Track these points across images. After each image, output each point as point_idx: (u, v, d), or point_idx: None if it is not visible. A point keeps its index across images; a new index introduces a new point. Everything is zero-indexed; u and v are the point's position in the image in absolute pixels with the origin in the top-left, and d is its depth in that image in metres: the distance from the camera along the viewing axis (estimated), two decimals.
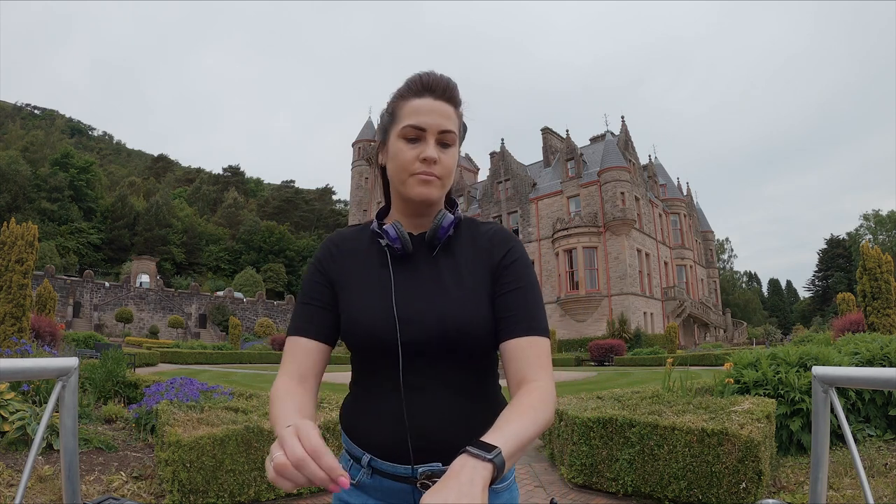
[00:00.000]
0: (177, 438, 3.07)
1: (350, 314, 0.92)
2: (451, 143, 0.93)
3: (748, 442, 2.97)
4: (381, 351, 0.89)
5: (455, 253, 0.95)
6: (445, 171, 0.92)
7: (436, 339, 0.88)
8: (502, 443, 0.67)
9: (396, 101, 0.95)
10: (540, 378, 0.84)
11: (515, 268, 0.93)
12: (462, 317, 0.88)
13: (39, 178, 58.40)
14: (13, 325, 7.63)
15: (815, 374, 0.96)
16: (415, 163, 0.90)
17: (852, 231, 68.58)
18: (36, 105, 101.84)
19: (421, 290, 0.91)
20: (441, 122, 0.91)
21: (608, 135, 40.42)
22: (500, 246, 0.95)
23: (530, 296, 0.91)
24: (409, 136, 0.91)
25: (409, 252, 0.94)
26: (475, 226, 1.00)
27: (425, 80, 0.92)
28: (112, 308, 39.82)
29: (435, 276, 0.93)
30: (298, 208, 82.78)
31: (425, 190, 0.91)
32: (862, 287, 9.75)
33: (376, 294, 0.92)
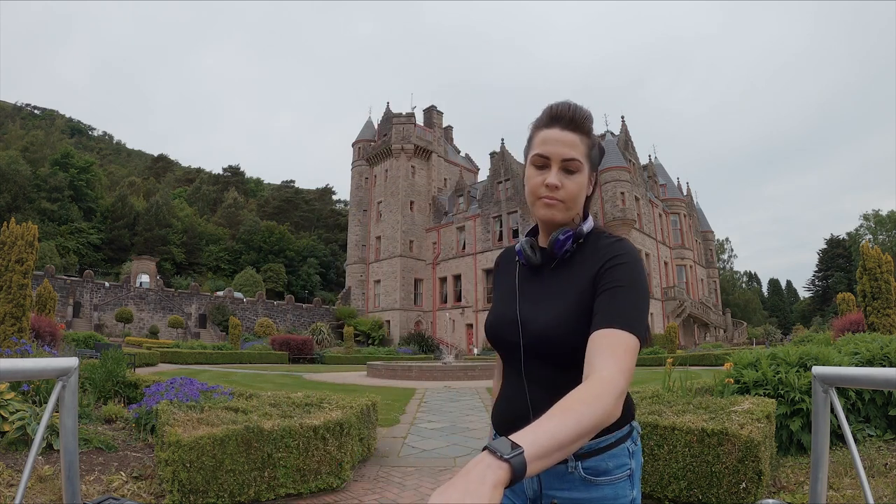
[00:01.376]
0: (177, 438, 3.07)
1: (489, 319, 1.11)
2: (575, 169, 1.01)
3: (748, 442, 2.97)
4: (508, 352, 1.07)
5: (574, 265, 1.03)
6: (569, 196, 1.01)
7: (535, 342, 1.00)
8: (529, 442, 0.65)
9: (533, 131, 1.06)
10: (605, 368, 0.81)
11: (613, 271, 0.96)
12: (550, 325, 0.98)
13: (39, 178, 58.38)
14: (13, 325, 7.63)
15: (815, 374, 0.96)
16: (540, 188, 1.01)
17: (852, 231, 68.66)
18: (36, 105, 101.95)
19: (533, 300, 1.04)
20: (564, 152, 1.00)
21: (608, 135, 40.41)
22: (608, 253, 1.00)
23: (621, 294, 0.93)
24: (537, 164, 1.02)
25: (535, 265, 1.07)
26: (598, 238, 1.05)
27: (554, 110, 1.02)
28: (112, 308, 39.81)
29: (547, 286, 1.05)
30: (298, 208, 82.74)
31: (548, 212, 1.02)
32: (862, 287, 9.74)
33: (507, 303, 1.09)
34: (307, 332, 37.50)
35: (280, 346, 27.94)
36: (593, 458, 0.96)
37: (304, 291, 67.00)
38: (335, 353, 30.90)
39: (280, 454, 3.36)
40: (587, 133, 1.02)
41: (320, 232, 79.81)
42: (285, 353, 27.24)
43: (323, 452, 3.57)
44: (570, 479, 0.95)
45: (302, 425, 3.51)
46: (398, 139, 49.14)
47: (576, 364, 0.93)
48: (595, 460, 0.96)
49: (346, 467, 3.73)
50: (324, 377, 15.32)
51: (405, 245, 47.24)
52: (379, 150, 50.92)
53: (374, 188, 51.45)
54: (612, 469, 0.95)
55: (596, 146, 1.05)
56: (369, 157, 52.20)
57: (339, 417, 3.77)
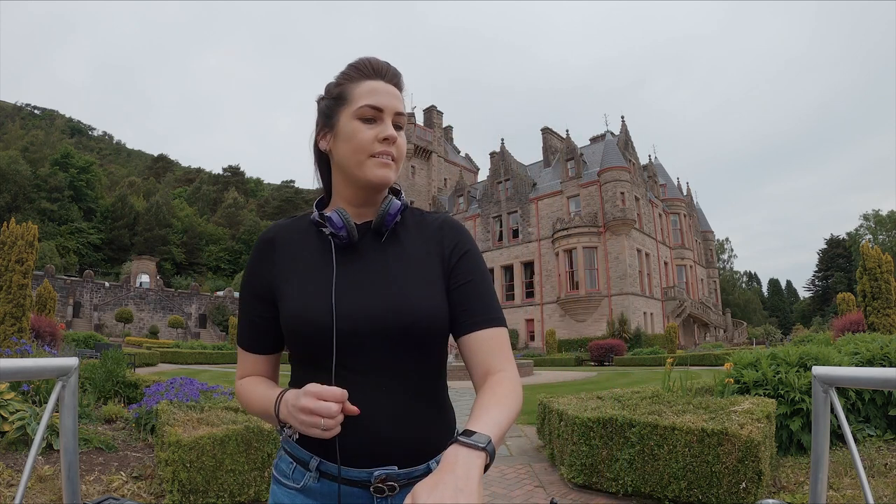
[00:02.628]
0: (177, 438, 3.07)
1: (288, 311, 0.86)
2: (402, 125, 0.91)
3: (748, 442, 2.97)
4: (323, 348, 0.82)
5: (402, 242, 0.91)
6: (401, 154, 0.90)
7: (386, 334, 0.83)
8: (490, 429, 0.67)
9: (345, 84, 0.91)
10: (506, 368, 0.83)
11: (467, 259, 0.90)
12: (417, 308, 0.84)
13: (39, 178, 58.38)
14: (13, 325, 7.63)
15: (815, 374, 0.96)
16: (374, 143, 0.87)
17: (852, 231, 68.63)
18: (36, 105, 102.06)
19: (368, 282, 0.86)
20: (396, 104, 0.89)
21: (608, 135, 40.40)
22: (451, 236, 0.92)
23: (483, 287, 0.89)
24: (366, 116, 0.87)
25: (354, 241, 0.88)
26: (421, 214, 0.96)
27: (374, 64, 0.90)
28: (112, 308, 39.81)
29: (383, 265, 0.88)
30: (298, 208, 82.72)
31: (385, 172, 0.87)
32: (862, 287, 9.75)
33: (317, 288, 0.85)
34: None
35: None
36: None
37: None
38: None
39: None
40: (402, 90, 0.93)
41: None
42: (285, 353, 27.23)
43: None
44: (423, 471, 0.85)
45: None
46: None
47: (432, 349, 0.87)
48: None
49: None
50: None
51: None
52: None
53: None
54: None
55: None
56: None
57: None
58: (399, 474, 0.83)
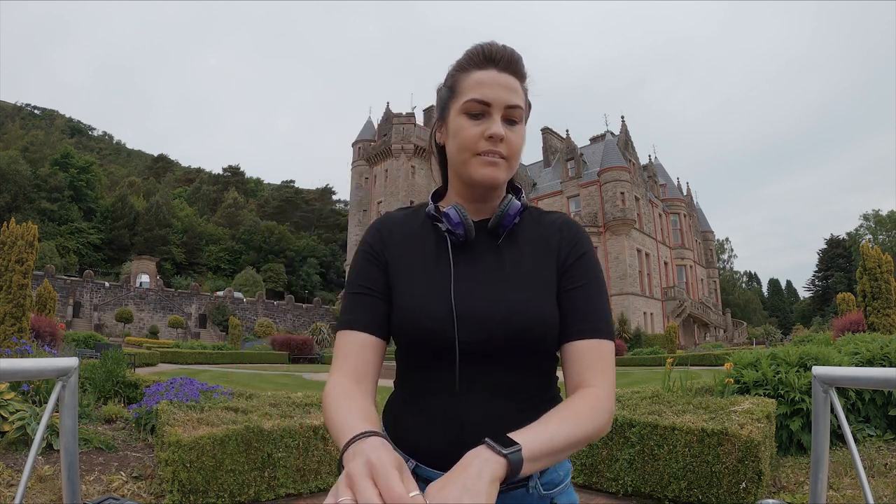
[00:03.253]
0: (177, 438, 3.07)
1: (403, 307, 0.83)
2: (518, 118, 0.84)
3: (748, 442, 2.97)
4: (436, 349, 0.81)
5: (519, 243, 0.87)
6: (512, 151, 0.83)
7: (499, 338, 0.80)
8: (526, 441, 0.63)
9: (456, 74, 0.86)
10: (598, 384, 0.77)
11: (583, 263, 0.85)
12: (529, 314, 0.80)
13: (39, 178, 58.39)
14: (13, 325, 7.63)
15: (815, 374, 0.96)
16: (479, 141, 0.82)
17: (852, 231, 68.67)
18: (36, 105, 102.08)
19: (484, 284, 0.82)
20: (507, 97, 0.82)
21: (608, 135, 40.42)
22: (568, 237, 0.87)
23: (595, 294, 0.84)
24: (472, 112, 0.82)
25: (470, 240, 0.84)
26: (540, 214, 0.91)
27: (487, 50, 0.83)
28: (112, 308, 39.81)
29: (498, 267, 0.84)
30: (298, 208, 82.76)
31: (490, 172, 0.82)
32: (862, 287, 9.75)
33: (433, 286, 0.83)
34: (307, 332, 37.49)
35: (280, 346, 27.95)
36: (549, 471, 0.83)
37: (304, 291, 67.00)
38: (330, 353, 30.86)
39: (280, 454, 3.37)
40: (523, 78, 0.86)
41: (320, 232, 79.81)
42: (285, 353, 27.25)
43: (323, 452, 3.57)
44: (529, 501, 0.81)
45: (302, 425, 3.51)
46: (398, 139, 49.14)
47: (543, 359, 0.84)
48: (550, 472, 0.83)
49: None
50: (324, 377, 15.30)
51: None
52: (379, 149, 50.93)
53: (374, 188, 51.45)
54: (563, 477, 0.85)
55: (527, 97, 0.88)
56: (369, 157, 52.21)
57: None
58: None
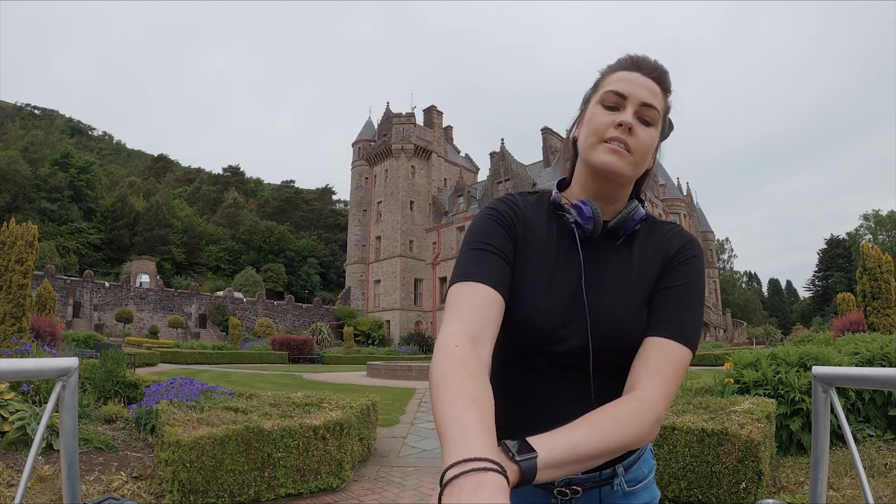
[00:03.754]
0: (177, 438, 3.07)
1: (524, 307, 0.81)
2: (651, 120, 0.83)
3: (748, 442, 2.97)
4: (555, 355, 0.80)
5: (632, 248, 0.87)
6: (640, 147, 0.82)
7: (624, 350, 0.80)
8: (546, 448, 0.61)
9: (603, 75, 0.89)
10: (648, 388, 0.74)
11: (684, 267, 0.84)
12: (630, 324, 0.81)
13: (39, 178, 58.38)
14: (13, 325, 7.63)
15: (815, 374, 0.96)
16: (609, 128, 0.82)
17: (852, 231, 68.69)
18: (36, 105, 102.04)
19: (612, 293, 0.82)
20: (644, 95, 0.83)
21: None
22: (677, 243, 0.87)
23: (687, 297, 0.82)
24: (608, 103, 0.84)
25: (594, 237, 0.85)
26: (654, 225, 0.91)
27: (636, 57, 0.87)
28: (112, 308, 39.81)
29: (614, 272, 0.84)
30: (298, 208, 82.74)
31: (613, 159, 0.81)
32: (862, 287, 9.75)
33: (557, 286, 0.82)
34: (307, 332, 37.50)
35: (280, 346, 27.95)
36: (634, 469, 0.86)
37: (304, 291, 67.01)
38: (335, 353, 30.92)
39: (280, 454, 3.37)
40: (668, 90, 0.87)
41: (320, 232, 79.81)
42: (285, 353, 27.26)
43: (323, 452, 3.57)
44: (612, 498, 0.83)
45: (302, 425, 3.51)
46: (398, 139, 49.14)
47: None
48: (634, 469, 0.86)
49: (346, 467, 3.73)
50: (324, 377, 15.33)
51: (405, 245, 47.25)
52: (379, 150, 50.92)
53: (374, 188, 51.45)
54: (646, 474, 0.86)
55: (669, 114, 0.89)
56: (369, 157, 52.20)
57: (339, 417, 3.77)
58: (582, 479, 0.80)
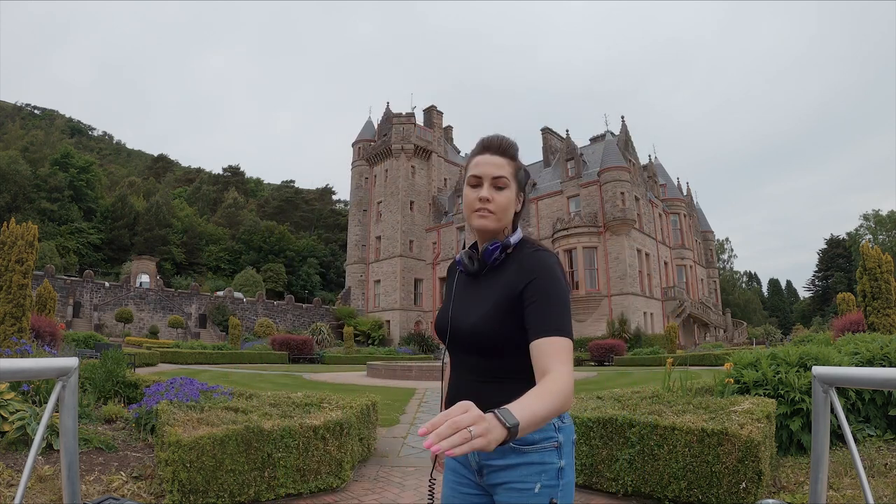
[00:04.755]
0: (177, 438, 3.07)
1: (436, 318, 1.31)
2: (503, 186, 1.20)
3: (748, 442, 2.97)
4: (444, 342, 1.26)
5: (502, 272, 1.21)
6: (499, 207, 1.20)
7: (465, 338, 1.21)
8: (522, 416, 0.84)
9: (468, 160, 1.26)
10: (559, 369, 1.02)
11: (536, 284, 1.13)
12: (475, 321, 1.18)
13: (39, 178, 58.35)
14: (13, 325, 7.63)
15: (815, 374, 0.96)
16: (475, 202, 1.21)
17: (852, 231, 68.58)
18: (36, 105, 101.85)
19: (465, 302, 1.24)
20: (493, 171, 1.20)
21: (608, 135, 40.41)
22: (529, 266, 1.17)
23: (546, 305, 1.10)
24: (472, 184, 1.22)
25: (472, 272, 1.26)
26: (521, 248, 1.23)
27: (485, 141, 1.24)
28: (112, 308, 39.79)
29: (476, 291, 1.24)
30: (298, 208, 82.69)
31: (483, 222, 1.21)
32: (862, 287, 9.74)
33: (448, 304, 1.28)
34: (307, 332, 37.48)
35: (280, 346, 27.92)
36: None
37: (304, 291, 66.97)
38: (335, 353, 30.89)
39: (280, 454, 3.37)
40: (513, 157, 1.23)
41: (320, 232, 79.77)
42: (285, 353, 27.24)
43: (323, 452, 3.57)
44: (503, 449, 1.10)
45: (302, 425, 3.51)
46: (398, 139, 49.12)
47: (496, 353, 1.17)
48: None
49: (346, 467, 3.73)
50: (324, 377, 15.32)
51: (405, 245, 47.24)
52: (379, 150, 50.90)
53: (374, 188, 51.43)
54: (538, 440, 1.12)
55: (522, 170, 1.24)
56: (369, 157, 52.17)
57: (339, 417, 3.77)
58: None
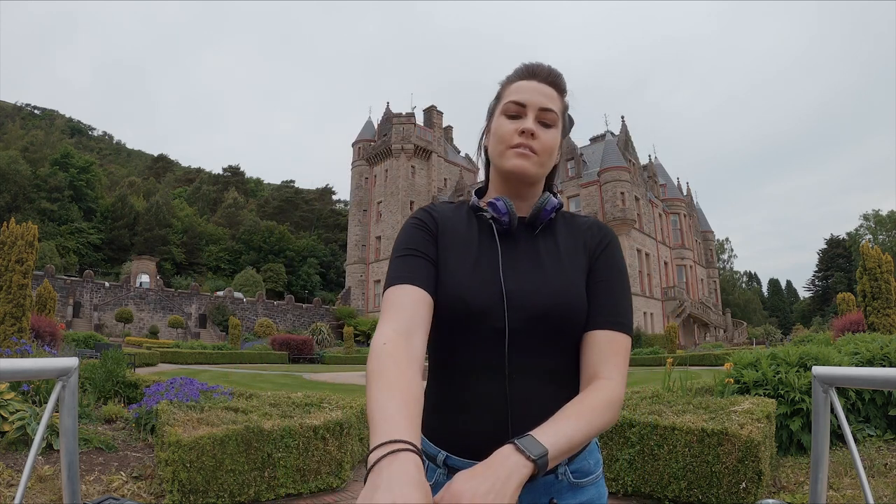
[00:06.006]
0: (177, 438, 3.07)
1: (451, 283, 0.86)
2: (551, 122, 0.92)
3: (748, 442, 2.97)
4: (484, 330, 0.84)
5: (554, 237, 0.94)
6: (544, 148, 0.91)
7: (540, 319, 0.83)
8: (552, 443, 0.66)
9: (503, 85, 0.97)
10: (612, 377, 0.81)
11: (607, 257, 0.91)
12: (562, 296, 0.85)
13: (39, 178, 58.35)
14: (13, 325, 7.63)
15: (815, 374, 0.96)
16: (514, 136, 0.90)
17: (852, 231, 68.65)
18: (36, 105, 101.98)
19: (523, 268, 0.88)
20: (542, 101, 0.91)
21: (608, 135, 40.42)
22: (597, 234, 0.95)
23: (619, 288, 0.89)
24: (510, 112, 0.92)
25: (513, 230, 0.92)
26: (572, 217, 1.00)
27: (530, 66, 0.95)
28: (112, 308, 39.80)
29: (538, 255, 0.90)
30: (298, 208, 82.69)
31: (521, 162, 0.90)
32: (862, 287, 9.74)
33: (481, 266, 0.88)
34: (307, 332, 37.48)
35: (280, 346, 27.93)
36: (578, 459, 0.86)
37: (304, 291, 66.97)
38: (335, 353, 30.88)
39: (280, 454, 3.36)
40: (563, 92, 0.96)
41: (320, 232, 79.77)
42: (285, 353, 27.24)
43: (323, 452, 3.57)
44: (557, 488, 0.83)
45: (302, 425, 3.51)
46: (398, 139, 49.12)
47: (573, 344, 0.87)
48: (579, 461, 0.86)
49: (347, 467, 3.73)
50: (324, 377, 15.31)
51: None
52: (379, 150, 50.91)
53: (374, 188, 51.44)
54: (592, 467, 0.88)
55: (568, 113, 0.98)
56: (369, 157, 52.18)
57: (340, 417, 3.77)
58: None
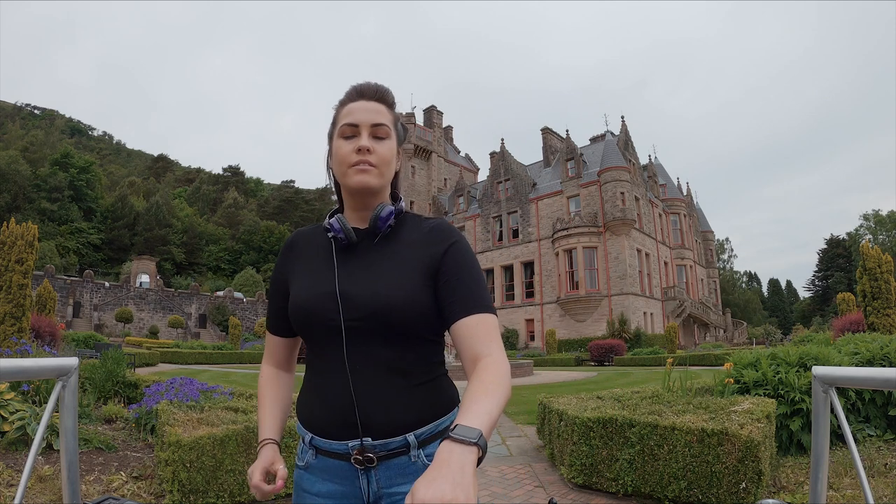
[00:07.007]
0: (177, 438, 3.07)
1: (295, 296, 0.99)
2: (384, 135, 1.00)
3: (748, 442, 2.97)
4: (326, 330, 0.94)
5: (398, 242, 1.00)
6: (381, 160, 0.99)
7: (370, 317, 0.92)
8: (480, 423, 0.70)
9: (337, 109, 1.04)
10: (493, 352, 0.86)
11: (453, 255, 0.97)
12: (391, 295, 0.92)
13: (39, 178, 58.34)
14: (13, 325, 7.63)
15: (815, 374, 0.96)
16: (351, 155, 0.97)
17: (852, 231, 68.64)
18: (36, 105, 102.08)
19: (360, 274, 0.97)
20: (372, 118, 0.99)
21: (608, 135, 40.40)
22: (439, 235, 1.00)
23: (468, 278, 0.94)
24: (346, 134, 0.99)
25: (353, 242, 1.00)
26: (420, 220, 1.04)
27: (358, 87, 1.03)
28: (112, 308, 39.79)
29: (374, 261, 0.98)
30: (298, 208, 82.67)
31: (362, 178, 0.97)
32: (862, 287, 9.74)
33: (320, 278, 0.98)
34: None
35: None
36: (433, 444, 0.93)
37: None
38: None
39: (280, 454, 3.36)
40: (391, 105, 1.03)
41: None
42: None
43: None
44: (413, 469, 0.91)
45: None
46: None
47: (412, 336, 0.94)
48: (434, 445, 0.92)
49: None
50: None
51: None
52: None
53: None
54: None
55: (400, 122, 1.05)
56: None
57: None
58: (374, 445, 0.90)
